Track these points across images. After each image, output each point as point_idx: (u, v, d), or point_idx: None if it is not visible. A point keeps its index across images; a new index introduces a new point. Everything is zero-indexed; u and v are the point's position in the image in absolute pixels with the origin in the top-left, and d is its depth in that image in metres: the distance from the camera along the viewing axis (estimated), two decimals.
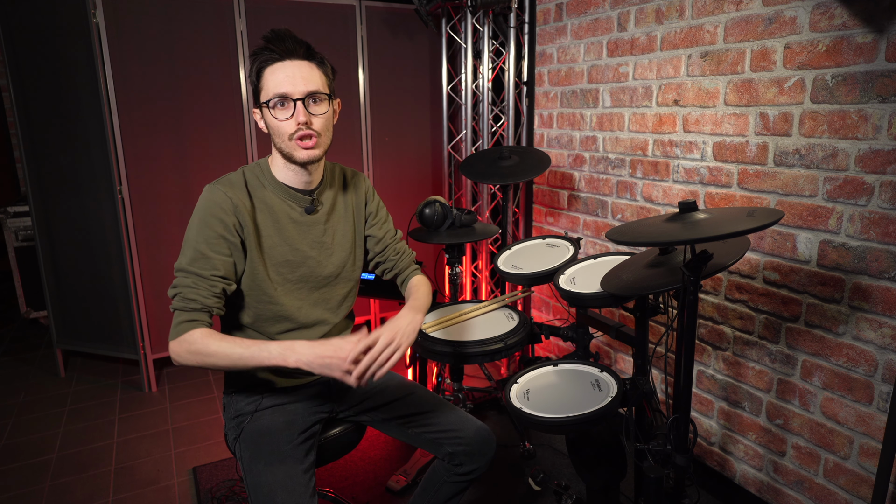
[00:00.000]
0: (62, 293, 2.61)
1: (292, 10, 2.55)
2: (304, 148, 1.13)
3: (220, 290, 1.11)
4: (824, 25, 1.37)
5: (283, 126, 1.12)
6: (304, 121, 1.11)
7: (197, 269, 1.09)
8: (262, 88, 1.13)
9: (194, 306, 1.08)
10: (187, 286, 1.09)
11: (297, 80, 1.10)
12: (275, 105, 1.11)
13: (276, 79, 1.10)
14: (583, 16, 2.15)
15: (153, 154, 2.42)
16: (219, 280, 1.11)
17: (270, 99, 1.10)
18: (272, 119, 1.12)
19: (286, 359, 1.03)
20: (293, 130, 1.12)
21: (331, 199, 1.29)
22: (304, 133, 1.12)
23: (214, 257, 1.11)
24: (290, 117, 1.11)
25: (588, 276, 1.56)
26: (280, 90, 1.10)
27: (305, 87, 1.11)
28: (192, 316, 1.08)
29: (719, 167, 1.68)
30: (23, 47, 2.34)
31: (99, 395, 2.54)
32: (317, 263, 1.25)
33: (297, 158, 1.14)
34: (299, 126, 1.11)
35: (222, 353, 1.05)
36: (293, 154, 1.14)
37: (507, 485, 1.87)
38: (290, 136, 1.12)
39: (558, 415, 1.19)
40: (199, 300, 1.08)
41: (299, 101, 1.10)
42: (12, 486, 1.90)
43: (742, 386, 1.70)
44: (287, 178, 1.21)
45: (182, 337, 1.06)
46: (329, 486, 1.85)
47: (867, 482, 1.40)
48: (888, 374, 1.33)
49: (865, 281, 1.36)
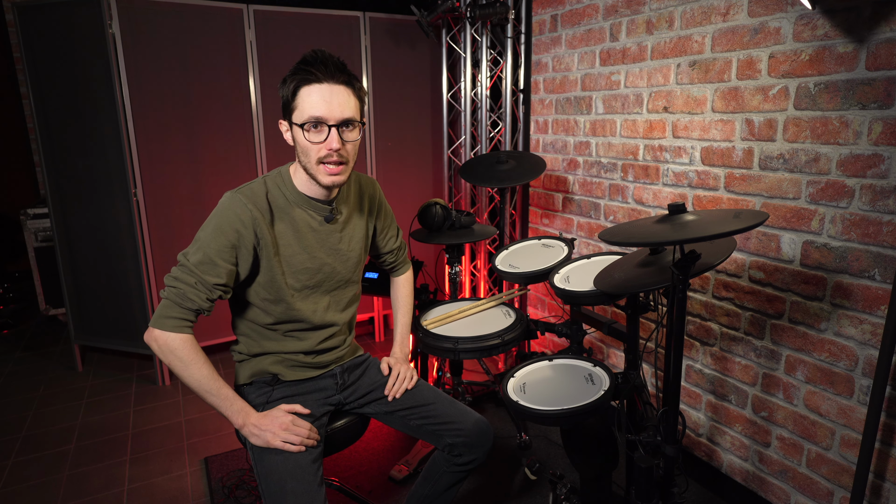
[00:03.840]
0: (80, 291, 2.66)
1: (299, 21, 2.59)
2: (329, 174, 1.13)
3: (217, 296, 1.15)
4: (807, 36, 1.39)
5: (314, 149, 1.11)
6: (336, 148, 1.10)
7: (202, 273, 1.12)
8: (296, 107, 1.10)
9: (190, 306, 1.12)
10: (189, 286, 1.12)
11: (334, 106, 1.09)
12: (309, 128, 1.10)
13: (312, 100, 1.08)
14: (576, 26, 2.18)
15: (167, 158, 2.46)
16: (219, 288, 1.14)
17: (306, 122, 1.09)
18: (303, 140, 1.11)
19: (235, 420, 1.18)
20: (324, 155, 1.11)
21: (348, 208, 1.31)
22: (334, 160, 1.12)
23: (221, 265, 1.13)
24: (322, 141, 1.10)
25: (582, 275, 1.57)
26: (316, 113, 1.08)
27: (341, 113, 1.10)
28: (183, 314, 1.13)
29: (707, 171, 1.71)
30: (42, 57, 2.39)
31: (115, 388, 2.58)
32: (332, 269, 1.28)
33: (322, 183, 1.15)
34: (330, 152, 1.11)
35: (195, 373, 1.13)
36: (318, 177, 1.15)
37: (504, 474, 1.90)
38: (319, 161, 1.12)
39: (553, 407, 1.21)
40: (196, 301, 1.12)
41: (333, 128, 1.10)
42: (33, 476, 1.95)
43: (728, 380, 1.72)
44: (308, 189, 1.21)
45: (169, 333, 1.12)
46: (335, 476, 1.89)
47: (848, 472, 1.42)
48: (868, 369, 1.35)
49: (846, 280, 1.38)
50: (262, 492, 1.15)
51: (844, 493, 1.45)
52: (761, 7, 1.49)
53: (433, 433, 1.31)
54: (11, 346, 3.09)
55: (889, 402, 1.32)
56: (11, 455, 2.08)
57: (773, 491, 1.63)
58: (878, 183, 1.30)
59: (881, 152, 1.29)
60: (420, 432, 1.33)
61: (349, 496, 1.75)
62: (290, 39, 2.60)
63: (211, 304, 1.15)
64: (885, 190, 1.29)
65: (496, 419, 2.23)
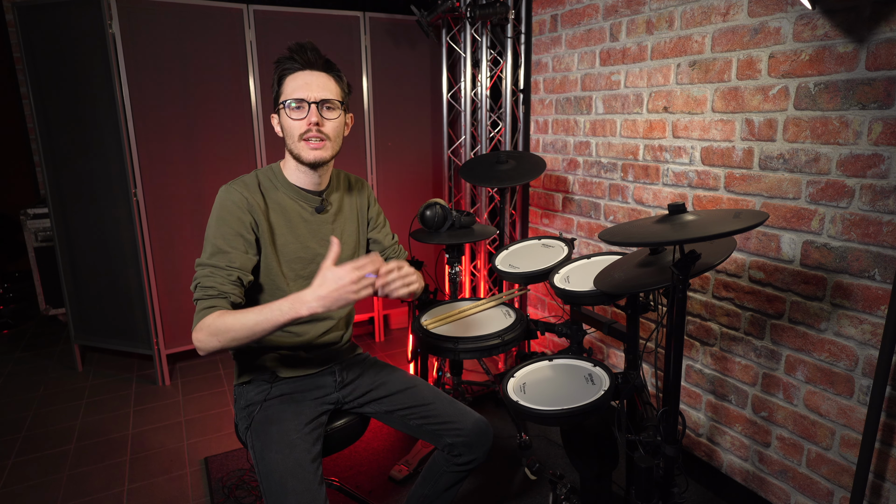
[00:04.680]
0: (80, 291, 2.66)
1: (299, 20, 2.59)
2: (311, 149, 1.19)
3: (236, 278, 1.14)
4: (807, 36, 1.39)
5: (295, 126, 1.18)
6: (315, 121, 1.17)
7: (215, 262, 1.14)
8: (281, 93, 1.20)
9: (211, 293, 1.11)
10: (205, 276, 1.13)
11: (314, 87, 1.18)
12: (291, 106, 1.17)
13: (295, 84, 1.18)
14: (576, 26, 2.18)
15: (167, 158, 2.47)
16: (235, 270, 1.14)
17: (287, 100, 1.17)
18: (286, 119, 1.19)
19: (298, 311, 1.02)
20: (304, 130, 1.18)
21: (338, 200, 1.35)
22: (313, 134, 1.18)
23: (231, 251, 1.15)
24: (302, 118, 1.18)
25: (582, 275, 1.57)
26: (297, 94, 1.17)
27: (320, 94, 1.18)
28: (209, 303, 1.10)
29: (707, 171, 1.71)
30: (42, 57, 2.39)
31: (115, 388, 2.58)
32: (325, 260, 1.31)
33: (305, 158, 1.20)
34: (310, 126, 1.17)
35: (238, 324, 1.04)
36: (301, 154, 1.20)
37: (504, 474, 1.90)
38: (300, 137, 1.18)
39: (553, 407, 1.21)
40: (215, 287, 1.11)
41: (313, 105, 1.17)
42: (33, 476, 1.95)
43: (728, 380, 1.73)
44: (298, 180, 1.26)
45: (199, 325, 1.08)
46: (335, 476, 1.89)
47: (848, 472, 1.42)
48: (868, 369, 1.35)
49: (846, 280, 1.38)
50: (262, 491, 1.15)
51: (844, 493, 1.45)
52: (761, 7, 1.49)
53: (433, 433, 1.31)
54: (11, 346, 3.09)
55: (889, 402, 1.33)
56: (11, 455, 2.08)
57: (773, 491, 1.63)
58: (878, 183, 1.30)
59: (881, 152, 1.29)
60: (420, 432, 1.34)
61: (349, 496, 1.75)
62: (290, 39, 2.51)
63: (234, 287, 1.13)
64: (885, 190, 1.29)
65: (496, 419, 2.23)
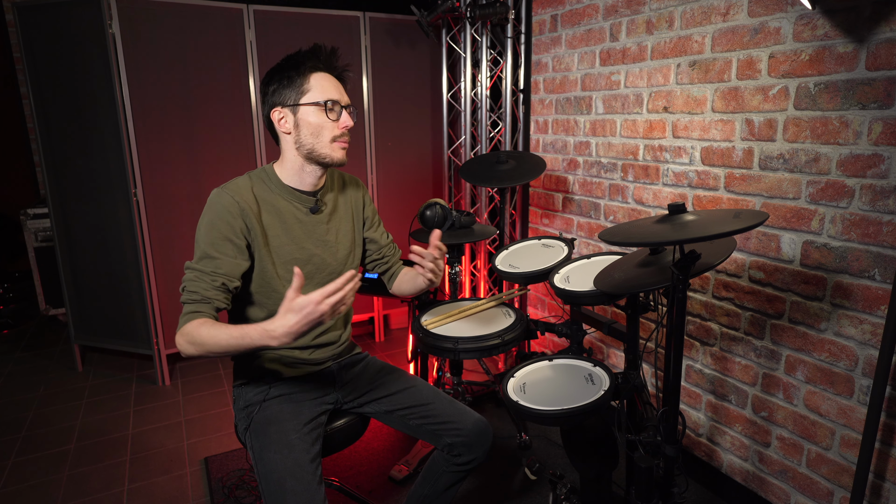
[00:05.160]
0: (80, 291, 2.66)
1: (299, 20, 2.60)
2: (342, 148, 1.25)
3: (220, 283, 1.14)
4: (807, 36, 1.39)
5: (329, 126, 1.22)
6: (350, 125, 1.24)
7: (201, 267, 1.14)
8: (309, 89, 1.20)
9: (195, 297, 1.12)
10: (190, 280, 1.14)
11: (343, 92, 1.25)
12: (331, 107, 1.21)
13: (325, 85, 1.21)
14: (576, 26, 2.19)
15: (166, 158, 2.47)
16: (220, 276, 1.14)
17: (326, 100, 1.20)
18: (321, 118, 1.21)
19: (267, 343, 1.01)
20: (338, 133, 1.23)
21: (332, 200, 1.35)
22: (346, 138, 1.25)
23: (219, 257, 1.15)
24: (336, 120, 1.22)
25: (582, 275, 1.57)
26: (331, 96, 1.21)
27: (348, 99, 1.25)
28: (193, 308, 1.11)
29: (707, 171, 1.71)
30: (42, 57, 2.39)
31: (115, 388, 2.59)
32: (321, 261, 1.30)
33: (335, 158, 1.24)
34: (344, 130, 1.24)
35: (212, 340, 1.05)
36: (332, 154, 1.24)
37: (504, 474, 1.90)
38: (334, 138, 1.23)
39: (553, 407, 1.21)
40: (199, 292, 1.12)
41: (345, 109, 1.24)
42: (33, 476, 1.95)
43: (728, 380, 1.73)
44: (293, 181, 1.27)
45: (182, 329, 1.10)
46: (335, 476, 1.89)
47: (848, 472, 1.42)
48: (868, 369, 1.35)
49: (846, 280, 1.38)
50: (261, 491, 1.15)
51: (844, 493, 1.45)
52: (761, 7, 1.50)
53: (433, 433, 1.31)
54: (11, 346, 3.09)
55: (889, 402, 1.33)
56: (11, 455, 2.08)
57: (773, 491, 1.63)
58: (878, 183, 1.30)
59: (881, 152, 1.29)
60: (419, 432, 1.34)
61: (349, 496, 1.75)
62: (290, 39, 2.60)
63: (218, 293, 1.13)
64: (885, 190, 1.29)
65: (496, 419, 2.23)
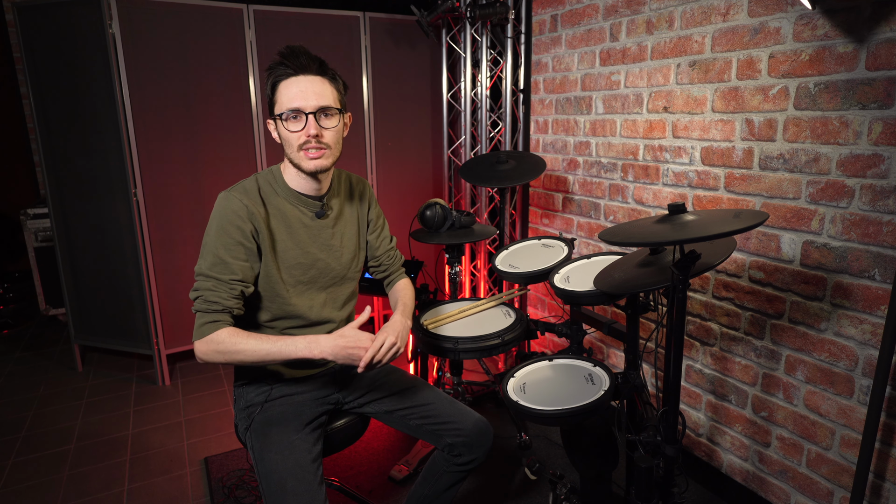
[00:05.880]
0: (80, 291, 2.66)
1: (299, 21, 2.60)
2: (310, 158, 1.17)
3: (239, 292, 1.16)
4: (807, 36, 1.39)
5: (293, 137, 1.16)
6: (314, 133, 1.15)
7: (216, 274, 1.14)
8: (276, 101, 1.16)
9: (216, 308, 1.13)
10: (208, 289, 1.13)
11: (310, 95, 1.14)
12: (287, 118, 1.15)
13: (290, 93, 1.14)
14: (576, 26, 2.19)
15: (166, 158, 2.47)
16: (237, 283, 1.16)
17: (283, 112, 1.15)
18: (284, 131, 1.16)
19: (311, 351, 1.12)
20: (303, 142, 1.16)
21: (338, 204, 1.33)
22: (312, 146, 1.16)
23: (233, 262, 1.15)
24: (300, 130, 1.15)
25: (582, 275, 1.57)
26: (293, 104, 1.14)
27: (317, 101, 1.15)
28: (214, 317, 1.12)
29: (707, 171, 1.71)
30: (42, 57, 2.39)
31: (115, 388, 2.59)
32: (326, 265, 1.29)
33: (305, 168, 1.19)
34: (309, 138, 1.15)
35: (251, 350, 1.11)
36: (301, 164, 1.19)
37: (504, 474, 1.91)
38: (300, 147, 1.16)
39: (553, 407, 1.21)
40: (220, 302, 1.13)
41: (311, 115, 1.14)
42: (33, 476, 1.95)
43: (728, 380, 1.73)
44: (298, 185, 1.25)
45: (208, 337, 1.11)
46: (335, 476, 1.89)
47: (848, 472, 1.43)
48: (868, 369, 1.35)
49: (846, 280, 1.38)
50: (262, 491, 1.16)
51: (844, 493, 1.45)
52: (761, 7, 1.50)
53: (433, 433, 1.31)
54: (11, 346, 3.09)
55: (889, 402, 1.33)
56: (11, 455, 2.08)
57: (773, 491, 1.63)
58: (878, 183, 1.30)
59: (881, 152, 1.29)
60: (420, 432, 1.34)
61: (349, 496, 1.75)
62: (290, 39, 2.53)
63: (237, 302, 1.16)
64: (885, 190, 1.29)
65: (496, 419, 2.23)
